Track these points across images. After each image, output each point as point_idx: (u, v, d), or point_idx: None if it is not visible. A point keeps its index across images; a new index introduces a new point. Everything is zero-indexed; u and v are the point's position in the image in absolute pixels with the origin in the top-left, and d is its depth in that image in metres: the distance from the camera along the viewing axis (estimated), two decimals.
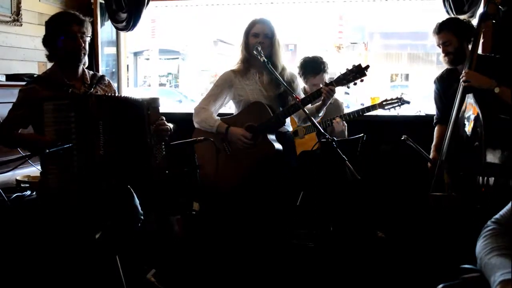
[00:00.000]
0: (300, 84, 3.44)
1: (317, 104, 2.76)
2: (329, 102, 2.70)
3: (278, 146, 2.72)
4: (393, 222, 3.36)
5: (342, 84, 2.61)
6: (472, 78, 2.61)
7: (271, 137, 2.74)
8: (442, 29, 2.81)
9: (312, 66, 3.30)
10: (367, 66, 2.58)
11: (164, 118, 2.39)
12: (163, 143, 2.34)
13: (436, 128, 3.07)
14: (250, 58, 2.78)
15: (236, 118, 2.80)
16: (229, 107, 3.17)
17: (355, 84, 2.60)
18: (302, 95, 2.87)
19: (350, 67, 2.59)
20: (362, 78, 2.58)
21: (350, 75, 2.58)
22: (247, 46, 2.77)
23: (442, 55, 2.86)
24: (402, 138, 2.90)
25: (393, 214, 3.37)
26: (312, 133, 3.25)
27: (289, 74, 2.88)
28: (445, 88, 2.98)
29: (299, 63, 3.43)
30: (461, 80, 2.66)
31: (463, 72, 2.67)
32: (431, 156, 2.95)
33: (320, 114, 2.88)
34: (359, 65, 2.58)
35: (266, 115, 2.71)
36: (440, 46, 2.84)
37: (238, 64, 2.85)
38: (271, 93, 2.80)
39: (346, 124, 3.24)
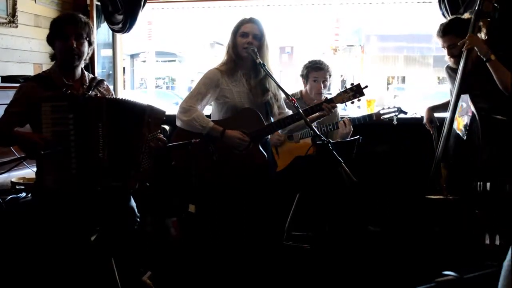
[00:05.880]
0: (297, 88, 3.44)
1: (312, 116, 2.67)
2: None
3: (265, 155, 2.64)
4: (389, 224, 3.37)
5: (342, 102, 2.62)
6: (472, 41, 2.61)
7: (259, 146, 2.65)
8: (446, 32, 2.78)
9: (317, 64, 3.31)
10: (366, 86, 2.60)
11: (162, 135, 2.36)
12: (152, 157, 2.31)
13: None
14: (236, 60, 2.65)
15: (226, 123, 2.64)
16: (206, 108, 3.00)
17: (352, 103, 2.63)
18: (285, 107, 2.84)
19: (349, 86, 2.60)
20: (359, 98, 2.60)
21: (350, 94, 2.60)
22: (235, 47, 2.63)
23: (447, 56, 2.84)
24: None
25: (389, 216, 3.37)
26: (307, 138, 3.24)
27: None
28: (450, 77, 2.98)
29: (303, 65, 3.41)
30: (464, 46, 2.64)
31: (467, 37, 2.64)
32: (425, 116, 3.04)
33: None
34: (358, 85, 2.60)
35: (258, 124, 2.62)
36: (445, 48, 2.82)
37: (224, 64, 2.70)
38: (258, 99, 2.69)
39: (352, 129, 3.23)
